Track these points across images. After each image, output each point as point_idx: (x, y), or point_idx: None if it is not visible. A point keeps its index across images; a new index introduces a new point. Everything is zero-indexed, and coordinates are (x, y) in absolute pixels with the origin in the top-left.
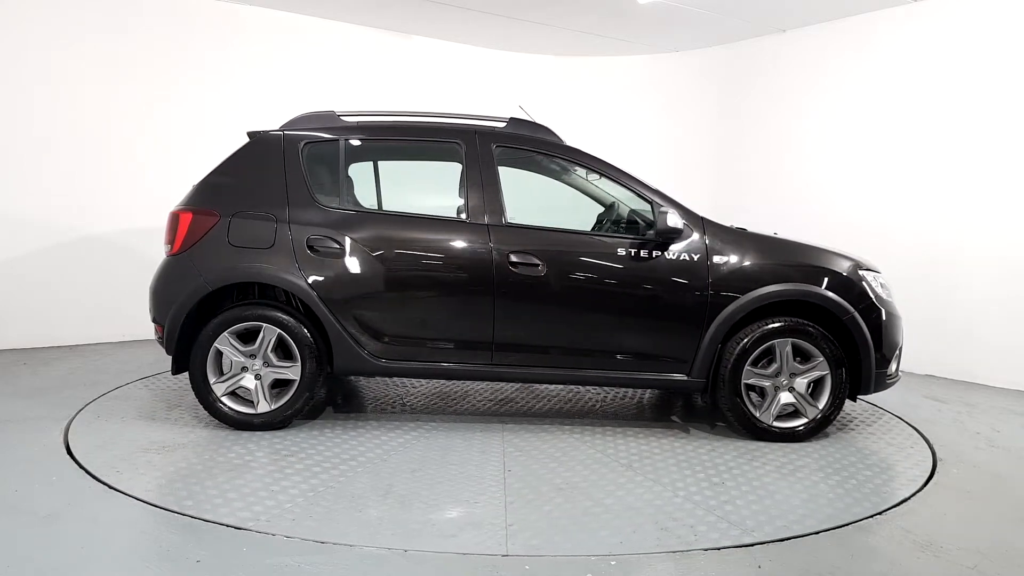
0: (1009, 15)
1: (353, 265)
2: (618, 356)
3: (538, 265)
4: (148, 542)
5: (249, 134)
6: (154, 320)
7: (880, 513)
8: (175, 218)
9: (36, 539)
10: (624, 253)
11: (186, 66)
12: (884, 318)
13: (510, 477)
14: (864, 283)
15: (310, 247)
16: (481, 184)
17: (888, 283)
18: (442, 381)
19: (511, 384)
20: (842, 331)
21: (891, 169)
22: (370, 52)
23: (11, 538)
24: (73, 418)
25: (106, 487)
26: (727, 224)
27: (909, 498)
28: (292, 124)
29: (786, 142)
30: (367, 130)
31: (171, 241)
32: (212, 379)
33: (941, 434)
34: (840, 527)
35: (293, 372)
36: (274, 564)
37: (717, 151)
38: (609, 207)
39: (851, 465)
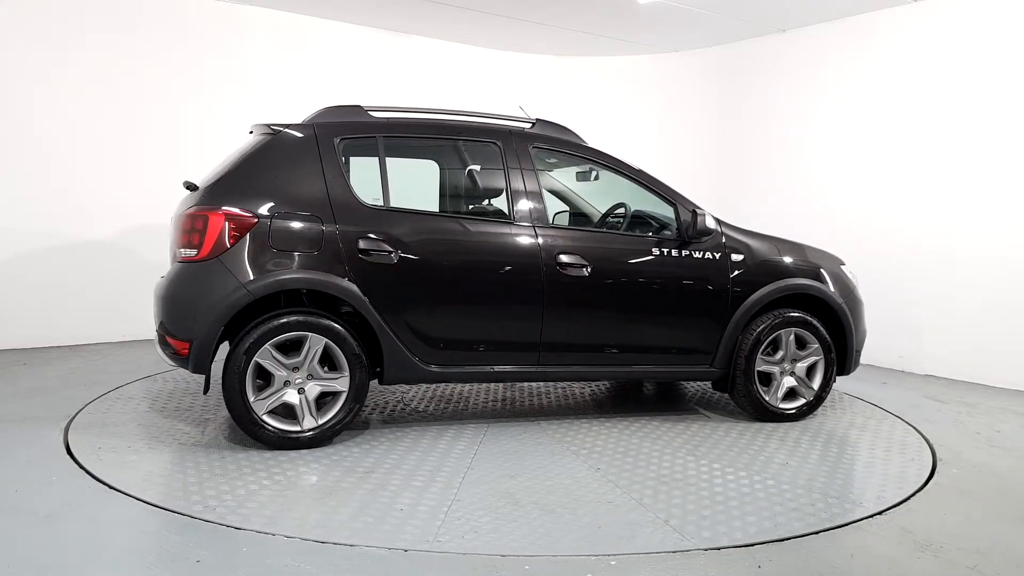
0: (1009, 15)
1: (405, 269)
2: (654, 351)
3: (585, 266)
4: (148, 542)
5: (273, 127)
6: (172, 335)
7: (880, 513)
8: (202, 220)
9: (36, 539)
10: (658, 253)
11: (186, 66)
12: (858, 306)
13: (607, 475)
14: (846, 276)
15: (360, 251)
16: (524, 185)
17: (855, 273)
18: (431, 384)
19: (501, 383)
20: (831, 319)
21: (891, 169)
22: (370, 52)
23: (11, 538)
24: (73, 418)
25: (106, 487)
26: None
27: (909, 498)
28: (317, 118)
29: (786, 142)
30: (404, 127)
31: (196, 245)
32: (252, 397)
33: (941, 434)
34: (840, 527)
35: (341, 384)
36: (274, 564)
37: (717, 151)
38: (616, 207)
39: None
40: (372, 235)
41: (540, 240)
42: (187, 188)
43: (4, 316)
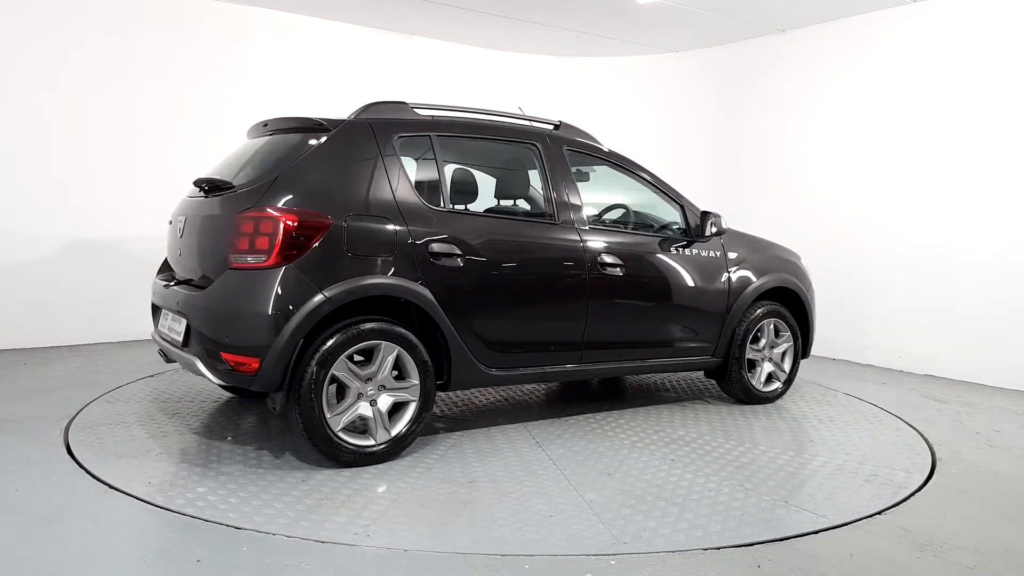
0: (1009, 15)
1: (471, 272)
2: (673, 343)
3: (621, 265)
4: (148, 542)
5: (318, 122)
6: (230, 350)
7: (880, 513)
8: (270, 222)
9: (36, 539)
10: (676, 252)
11: (186, 66)
12: (813, 296)
13: (687, 465)
14: (804, 269)
15: (432, 254)
16: (564, 186)
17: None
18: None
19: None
20: (798, 309)
21: (890, 169)
22: (370, 52)
23: (11, 538)
24: (73, 418)
25: (106, 487)
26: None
27: (909, 498)
28: (365, 115)
29: (785, 142)
30: (457, 126)
31: (263, 250)
32: (328, 413)
33: (941, 434)
34: (840, 527)
35: (411, 393)
36: (274, 564)
37: (716, 152)
38: (610, 208)
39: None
40: (440, 238)
41: (582, 241)
42: (202, 188)
43: (4, 316)
